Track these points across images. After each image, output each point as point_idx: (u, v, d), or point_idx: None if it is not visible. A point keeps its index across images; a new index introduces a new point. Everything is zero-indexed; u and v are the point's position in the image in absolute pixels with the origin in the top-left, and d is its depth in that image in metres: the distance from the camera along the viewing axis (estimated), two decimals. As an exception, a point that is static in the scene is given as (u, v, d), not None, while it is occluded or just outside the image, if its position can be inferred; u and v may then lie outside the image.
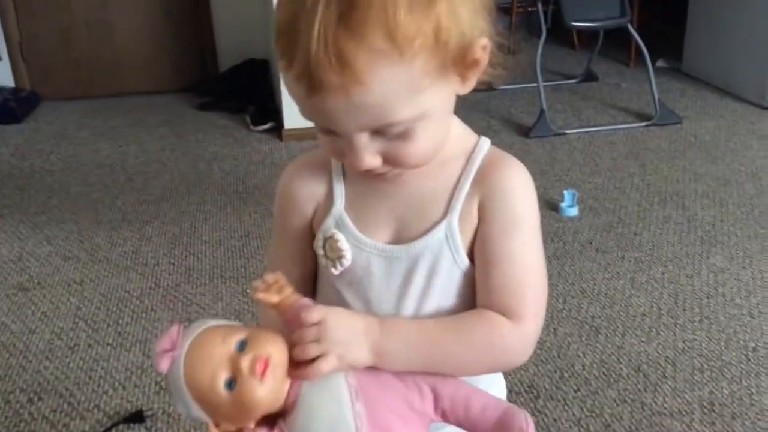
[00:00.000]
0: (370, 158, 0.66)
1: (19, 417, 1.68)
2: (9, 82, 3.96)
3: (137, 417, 1.67)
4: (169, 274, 2.29)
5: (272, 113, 3.56)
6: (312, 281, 0.82)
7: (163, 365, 0.67)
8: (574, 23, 3.39)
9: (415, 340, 0.69)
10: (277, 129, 3.46)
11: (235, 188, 2.89)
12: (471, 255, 0.73)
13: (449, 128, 0.72)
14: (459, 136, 0.76)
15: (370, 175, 0.69)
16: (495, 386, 0.88)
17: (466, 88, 0.69)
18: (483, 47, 0.67)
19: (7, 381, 1.81)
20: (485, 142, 0.76)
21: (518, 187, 0.73)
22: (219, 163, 3.16)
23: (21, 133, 3.59)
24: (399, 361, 0.69)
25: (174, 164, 3.17)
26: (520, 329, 0.72)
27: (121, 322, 2.05)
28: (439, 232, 0.72)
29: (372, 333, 0.68)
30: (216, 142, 3.41)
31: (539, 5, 3.48)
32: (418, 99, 0.63)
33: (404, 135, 0.65)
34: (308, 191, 0.78)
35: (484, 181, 0.72)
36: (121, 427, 1.65)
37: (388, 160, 0.67)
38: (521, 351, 0.74)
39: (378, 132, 0.65)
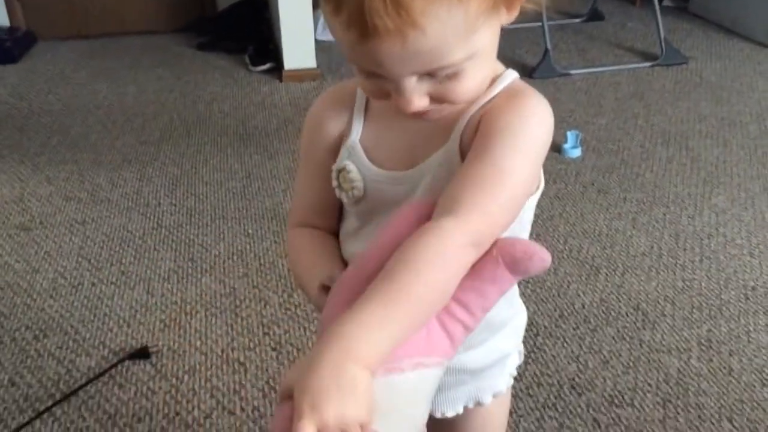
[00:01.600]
0: (419, 100, 0.64)
1: (26, 353, 1.71)
2: (4, 21, 3.89)
3: (142, 353, 1.69)
4: (171, 215, 2.29)
5: (272, 53, 3.50)
6: (335, 229, 0.83)
7: None
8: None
9: (379, 314, 0.58)
10: (277, 69, 3.41)
11: (235, 129, 2.87)
12: None
13: (494, 60, 0.69)
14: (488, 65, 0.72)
15: (416, 116, 0.66)
16: (519, 316, 0.89)
17: (511, 17, 0.66)
18: None
19: (13, 319, 1.82)
20: (510, 74, 0.71)
21: (526, 113, 0.66)
22: (218, 104, 3.13)
23: (18, 72, 3.55)
24: (383, 345, 0.57)
25: (173, 105, 3.14)
26: (454, 222, 0.61)
27: (124, 261, 2.06)
28: (438, 155, 0.71)
29: (343, 368, 0.55)
30: (215, 82, 3.37)
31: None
32: (471, 39, 0.61)
33: (455, 75, 0.63)
34: (331, 124, 0.78)
35: (493, 106, 0.68)
36: (126, 363, 1.67)
37: (436, 99, 0.65)
38: (456, 242, 0.61)
39: (428, 74, 0.62)
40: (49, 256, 2.08)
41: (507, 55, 3.53)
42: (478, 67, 0.64)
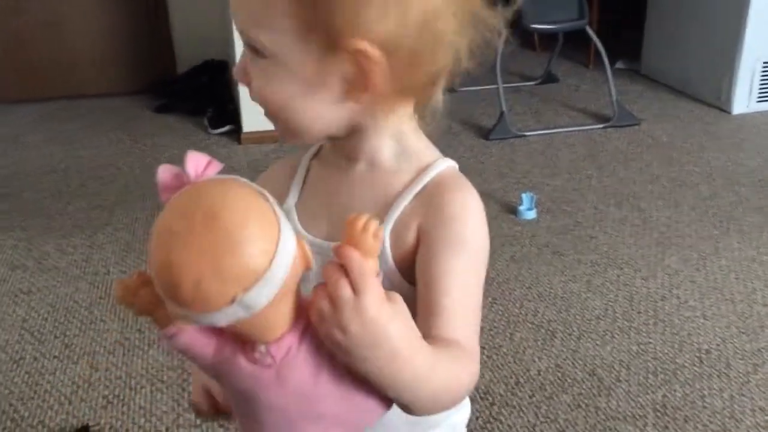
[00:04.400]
0: (241, 69, 0.67)
1: (-42, 436, 1.63)
2: (-42, 84, 3.85)
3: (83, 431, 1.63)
4: (121, 283, 2.23)
5: (230, 116, 3.50)
6: None
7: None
8: (533, 25, 3.39)
9: (442, 369, 0.58)
10: (236, 132, 3.41)
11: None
12: (401, 271, 0.70)
13: (315, 112, 0.66)
14: (417, 150, 0.72)
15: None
16: (458, 413, 0.87)
17: (352, 95, 0.63)
18: (356, 51, 0.60)
19: (-53, 398, 1.75)
20: (443, 162, 0.72)
21: (466, 212, 0.68)
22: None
23: (-31, 137, 3.49)
24: (412, 385, 0.57)
25: (129, 169, 3.11)
26: (474, 364, 0.64)
27: (68, 333, 2.00)
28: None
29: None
30: (173, 145, 3.35)
31: (498, 8, 3.47)
32: (272, 32, 0.61)
33: (263, 69, 0.64)
34: (272, 187, 0.76)
35: (430, 202, 0.68)
36: (65, 443, 1.60)
37: (250, 87, 0.67)
38: (468, 391, 0.65)
39: (252, 51, 0.65)
40: (-11, 329, 2.01)
41: (463, 118, 3.58)
42: (278, 81, 0.63)
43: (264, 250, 0.49)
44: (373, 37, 0.59)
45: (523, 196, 2.62)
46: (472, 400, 1.69)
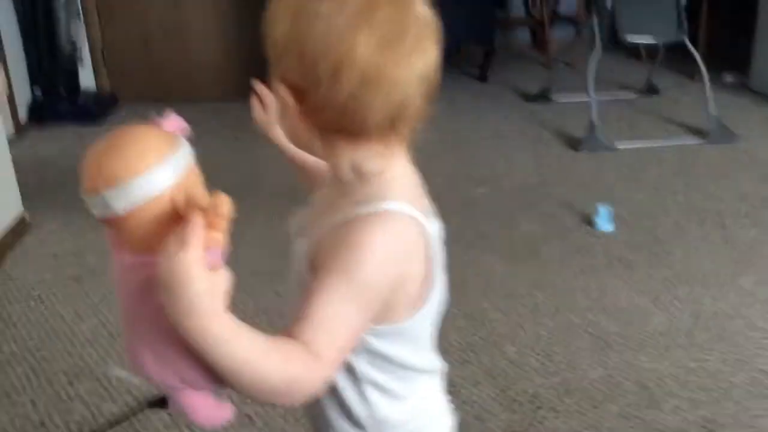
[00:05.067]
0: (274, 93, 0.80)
1: (58, 397, 1.86)
2: (90, 85, 4.25)
3: (161, 402, 1.81)
4: (211, 272, 2.44)
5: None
6: None
7: None
8: (628, 37, 3.37)
9: (243, 347, 0.67)
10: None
11: (287, 193, 3.02)
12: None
13: (289, 129, 0.79)
14: (374, 185, 0.77)
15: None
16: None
17: (293, 121, 0.76)
18: (275, 90, 0.75)
19: (53, 363, 1.99)
20: (388, 204, 0.75)
21: (361, 247, 0.72)
22: (273, 170, 3.30)
23: (97, 134, 3.75)
24: (210, 347, 0.66)
25: (231, 169, 3.34)
26: (317, 369, 0.70)
27: (161, 314, 2.21)
28: (303, 243, 0.80)
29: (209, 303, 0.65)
30: (272, 149, 3.55)
31: (595, 18, 3.48)
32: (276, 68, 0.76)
33: None
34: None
35: (344, 231, 0.74)
36: (146, 411, 1.80)
37: None
38: (307, 390, 0.71)
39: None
40: (95, 307, 2.26)
41: (557, 128, 3.60)
42: (278, 108, 0.78)
43: (132, 168, 0.65)
44: (287, 83, 0.73)
45: (600, 208, 2.63)
46: (519, 403, 1.76)
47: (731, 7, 4.50)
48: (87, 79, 4.23)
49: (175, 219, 0.67)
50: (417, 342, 0.84)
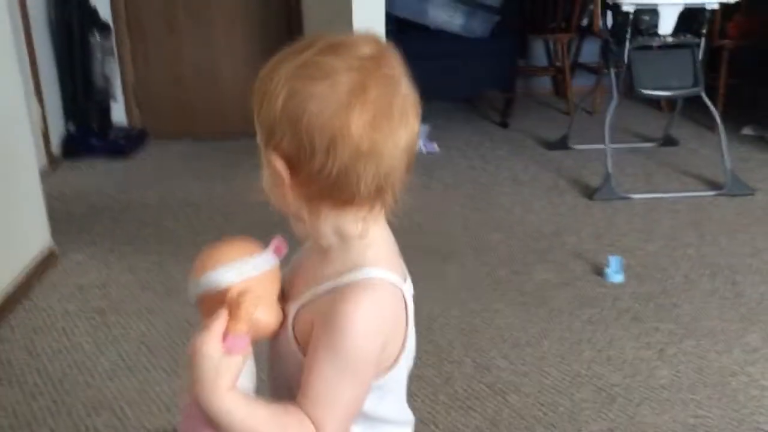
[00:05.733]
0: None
1: (76, 428, 1.94)
2: (122, 121, 4.40)
3: (174, 437, 1.89)
4: (229, 310, 2.51)
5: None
6: None
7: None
8: (644, 91, 3.44)
9: (241, 417, 0.78)
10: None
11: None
12: (299, 341, 0.84)
13: (278, 198, 0.85)
14: (355, 250, 0.83)
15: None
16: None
17: (282, 191, 0.82)
18: (268, 161, 0.81)
19: (73, 395, 2.07)
20: (369, 271, 0.81)
21: (349, 325, 0.78)
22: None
23: (126, 167, 3.99)
24: (217, 417, 0.78)
25: (253, 207, 3.43)
26: None
27: (177, 349, 2.29)
28: (286, 308, 0.86)
29: (220, 383, 0.77)
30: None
31: (612, 71, 3.55)
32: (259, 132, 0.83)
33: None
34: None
35: (329, 304, 0.80)
36: (159, 445, 1.87)
37: None
38: None
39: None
40: (116, 341, 2.34)
41: (572, 175, 3.66)
42: (268, 176, 0.84)
43: (206, 267, 0.84)
44: (280, 153, 0.79)
45: (611, 258, 2.68)
46: (518, 452, 1.80)
47: (751, 59, 4.55)
48: (119, 115, 4.39)
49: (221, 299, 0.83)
50: (392, 394, 0.90)
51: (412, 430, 0.97)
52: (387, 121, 0.78)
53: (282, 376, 0.87)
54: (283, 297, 0.88)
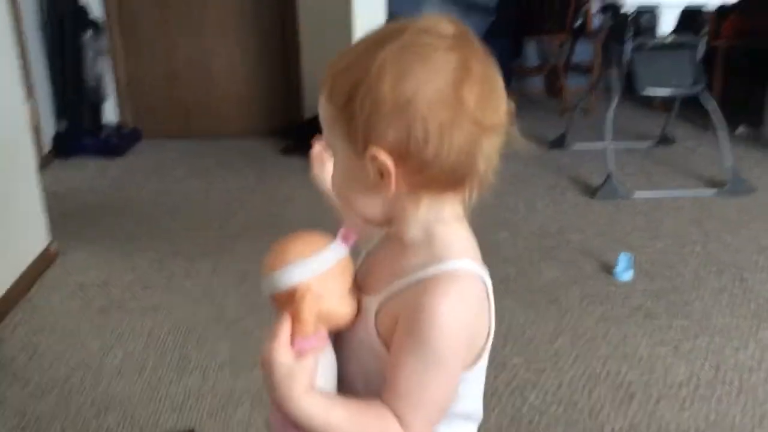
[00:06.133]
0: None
1: (87, 428, 1.88)
2: (114, 120, 4.33)
3: (188, 437, 1.84)
4: (235, 307, 2.47)
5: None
6: None
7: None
8: (645, 90, 3.44)
9: (321, 420, 0.76)
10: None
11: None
12: (381, 335, 0.79)
13: (364, 199, 0.79)
14: (441, 243, 0.79)
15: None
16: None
17: (382, 187, 0.75)
18: (372, 156, 0.73)
19: (81, 395, 2.01)
20: (454, 263, 0.78)
21: (437, 313, 0.74)
22: (294, 206, 3.36)
23: (120, 167, 3.92)
24: (298, 421, 0.76)
25: (252, 205, 3.40)
26: None
27: (186, 348, 2.24)
28: (365, 300, 0.82)
29: (296, 387, 0.75)
30: (293, 185, 3.62)
31: (613, 70, 3.55)
32: (332, 134, 0.78)
33: (334, 163, 0.81)
34: (375, 232, 0.92)
35: (414, 297, 0.76)
36: (173, 445, 1.82)
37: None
38: None
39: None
40: (122, 338, 2.29)
41: (572, 175, 3.66)
42: (337, 168, 0.80)
43: (275, 264, 0.80)
44: (385, 145, 0.73)
45: (621, 256, 2.66)
46: (542, 449, 1.78)
47: (745, 60, 4.59)
48: (111, 113, 4.32)
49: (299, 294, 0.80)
50: (473, 390, 0.86)
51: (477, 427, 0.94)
52: (493, 95, 0.75)
53: (358, 371, 0.83)
54: (358, 288, 0.84)
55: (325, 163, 1.14)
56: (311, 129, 3.65)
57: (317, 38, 4.31)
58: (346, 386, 0.83)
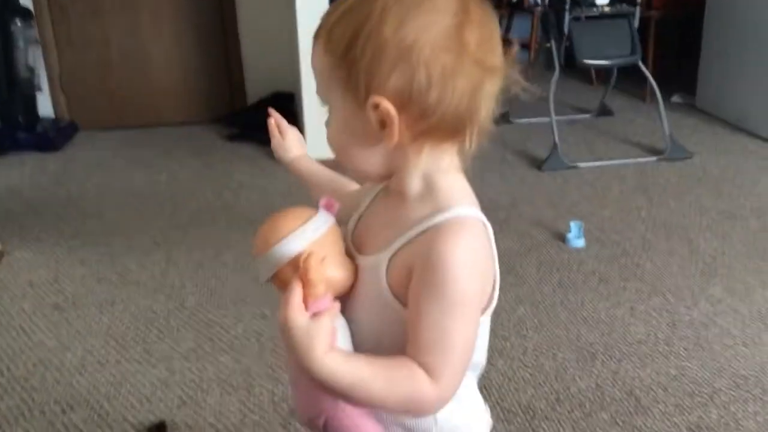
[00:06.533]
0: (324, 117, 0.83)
1: (53, 427, 1.83)
2: (49, 112, 4.18)
3: (160, 429, 1.81)
4: (194, 296, 2.43)
5: (296, 144, 3.72)
6: None
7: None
8: (585, 61, 3.51)
9: (348, 378, 0.75)
10: (301, 160, 3.61)
11: (260, 217, 3.03)
12: (405, 299, 0.79)
13: (366, 153, 0.79)
14: (442, 192, 0.80)
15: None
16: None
17: (384, 139, 0.75)
18: (374, 104, 0.73)
19: (43, 393, 1.96)
20: (457, 210, 0.78)
21: (449, 263, 0.74)
22: (245, 192, 3.32)
23: (59, 161, 3.80)
24: (325, 382, 0.76)
25: (201, 193, 3.34)
26: (436, 389, 0.76)
27: (148, 340, 2.20)
28: (371, 260, 0.82)
29: (318, 347, 0.75)
30: (243, 171, 3.58)
31: (553, 43, 3.62)
32: (328, 87, 0.78)
33: (329, 117, 0.81)
34: (362, 194, 0.93)
35: (425, 244, 0.76)
36: (145, 437, 1.79)
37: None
38: (431, 408, 0.79)
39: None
40: (80, 335, 2.23)
41: (518, 148, 3.71)
42: (334, 123, 0.80)
43: (275, 240, 0.81)
44: (387, 93, 0.73)
45: (572, 224, 2.73)
46: (514, 413, 1.82)
47: (676, 33, 4.74)
48: (45, 106, 4.17)
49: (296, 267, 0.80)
50: (482, 337, 0.86)
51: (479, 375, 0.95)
52: (492, 38, 0.76)
53: (369, 332, 0.82)
54: (357, 251, 0.85)
55: (285, 132, 1.15)
56: (257, 114, 3.63)
57: (257, 24, 4.26)
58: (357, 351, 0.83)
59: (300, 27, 3.33)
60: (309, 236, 0.81)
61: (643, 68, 3.61)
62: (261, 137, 3.94)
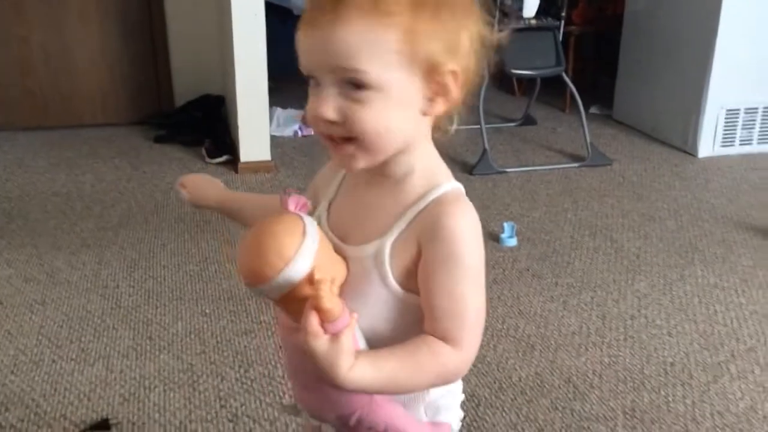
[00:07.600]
0: (327, 106, 0.74)
1: (-12, 425, 1.76)
2: (-36, 111, 4.00)
3: (103, 425, 1.76)
4: (130, 296, 2.38)
5: (227, 146, 3.69)
6: None
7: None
8: (514, 71, 3.64)
9: (378, 383, 0.77)
10: (233, 162, 3.59)
11: (191, 217, 3.00)
12: (407, 283, 0.80)
13: (405, 132, 0.77)
14: (430, 169, 0.82)
15: (330, 145, 0.78)
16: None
17: (431, 109, 0.77)
18: (452, 71, 0.75)
19: (-26, 393, 1.88)
20: (450, 185, 0.82)
21: (458, 232, 0.77)
22: (176, 193, 3.26)
23: (-24, 161, 3.64)
24: (359, 389, 0.77)
25: (131, 194, 3.27)
26: (460, 355, 0.79)
27: (83, 339, 2.14)
28: (370, 248, 0.81)
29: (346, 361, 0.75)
30: (172, 173, 3.52)
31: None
32: (381, 65, 0.72)
33: (363, 100, 0.73)
34: (322, 183, 0.92)
35: (428, 219, 0.78)
36: (88, 434, 1.74)
37: (344, 122, 0.74)
38: (459, 373, 0.82)
39: (343, 85, 0.73)
40: (10, 335, 2.14)
41: (449, 154, 3.77)
42: (385, 108, 0.74)
43: (281, 262, 0.77)
44: (457, 59, 0.76)
45: (505, 225, 2.82)
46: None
47: (594, 48, 4.96)
48: (-40, 104, 3.98)
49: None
50: None
51: None
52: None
53: (362, 319, 0.80)
54: (343, 241, 0.85)
55: (188, 183, 1.15)
56: (184, 117, 3.61)
57: (186, 26, 4.20)
58: None
59: (236, 30, 3.31)
60: (312, 249, 0.78)
61: (567, 79, 3.76)
62: (189, 139, 3.92)
